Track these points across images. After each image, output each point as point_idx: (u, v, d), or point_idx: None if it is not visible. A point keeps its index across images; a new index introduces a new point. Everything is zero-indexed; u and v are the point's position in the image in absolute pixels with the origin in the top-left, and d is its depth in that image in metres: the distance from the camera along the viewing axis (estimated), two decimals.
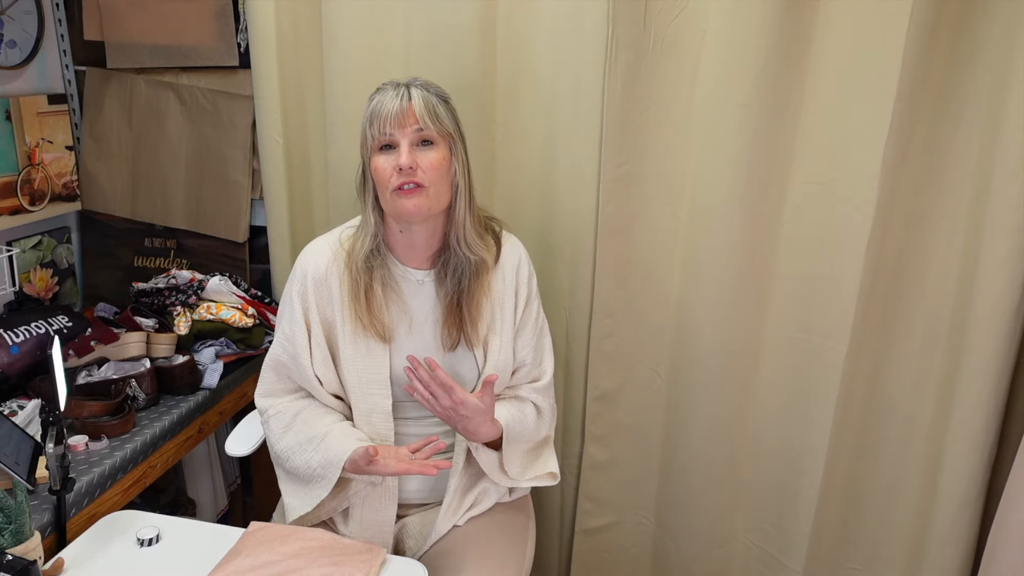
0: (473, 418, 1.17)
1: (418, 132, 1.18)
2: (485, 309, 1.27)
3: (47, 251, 1.92)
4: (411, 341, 1.26)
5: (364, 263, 1.23)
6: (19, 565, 1.00)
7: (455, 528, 1.28)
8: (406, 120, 1.17)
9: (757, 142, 1.37)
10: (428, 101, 1.19)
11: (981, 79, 1.27)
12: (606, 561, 1.73)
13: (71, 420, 1.44)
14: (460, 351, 1.27)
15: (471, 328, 1.25)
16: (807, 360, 1.46)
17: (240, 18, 1.80)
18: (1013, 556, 1.18)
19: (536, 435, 1.33)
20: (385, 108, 1.17)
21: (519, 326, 1.31)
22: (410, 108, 1.17)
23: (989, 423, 1.38)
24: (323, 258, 1.27)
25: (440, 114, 1.19)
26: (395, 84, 1.21)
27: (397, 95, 1.18)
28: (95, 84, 1.95)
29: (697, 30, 1.37)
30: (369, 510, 1.26)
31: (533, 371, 1.34)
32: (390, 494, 1.27)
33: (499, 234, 1.33)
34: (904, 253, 1.39)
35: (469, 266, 1.24)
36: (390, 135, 1.17)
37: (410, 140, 1.18)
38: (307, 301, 1.26)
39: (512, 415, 1.26)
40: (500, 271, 1.29)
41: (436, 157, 1.19)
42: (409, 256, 1.28)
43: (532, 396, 1.32)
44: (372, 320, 1.23)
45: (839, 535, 1.56)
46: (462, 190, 1.23)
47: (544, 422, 1.34)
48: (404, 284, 1.27)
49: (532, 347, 1.32)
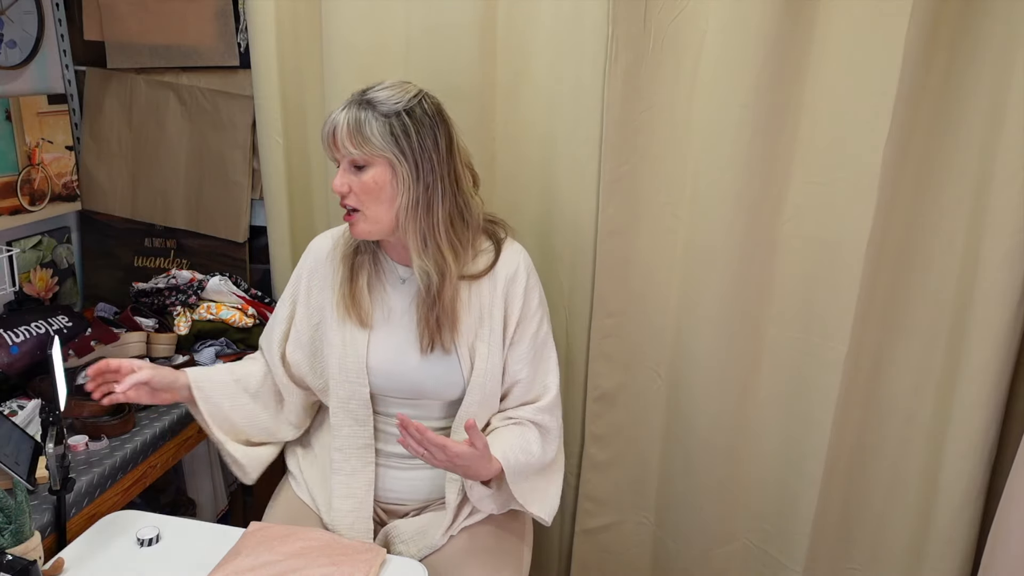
0: (471, 465, 1.13)
1: (345, 156, 1.17)
2: (464, 317, 1.24)
3: (47, 251, 1.92)
4: (389, 335, 1.26)
5: (350, 250, 1.28)
6: (19, 565, 1.00)
7: (450, 537, 1.27)
8: (335, 143, 1.17)
9: (757, 142, 1.37)
10: (359, 124, 1.14)
11: (981, 79, 1.28)
12: (606, 561, 1.73)
13: (71, 420, 1.44)
14: (439, 355, 1.24)
15: (445, 333, 1.23)
16: (807, 360, 1.46)
17: (240, 18, 1.80)
18: (1013, 555, 1.18)
19: (544, 457, 1.27)
20: (325, 129, 1.18)
21: (513, 340, 1.27)
22: (333, 135, 1.17)
23: (989, 423, 1.38)
24: (326, 246, 1.33)
25: (368, 135, 1.14)
26: (350, 99, 1.19)
27: (333, 119, 1.17)
28: (95, 84, 1.95)
29: (697, 30, 1.37)
30: (343, 499, 1.27)
31: (532, 390, 1.29)
32: (365, 484, 1.28)
33: (501, 240, 1.30)
34: (904, 253, 1.39)
35: (430, 276, 1.21)
36: (331, 154, 1.19)
37: (344, 162, 1.18)
38: (300, 282, 1.33)
39: (511, 446, 1.21)
40: (492, 279, 1.26)
41: (370, 181, 1.16)
42: (394, 252, 1.29)
43: (535, 417, 1.27)
44: (353, 303, 1.25)
45: (839, 535, 1.56)
46: (405, 208, 1.18)
47: (551, 442, 1.29)
48: (388, 277, 1.29)
49: (527, 363, 1.27)
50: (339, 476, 1.28)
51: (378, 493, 1.30)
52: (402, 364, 1.25)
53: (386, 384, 1.26)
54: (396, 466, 1.30)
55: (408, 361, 1.25)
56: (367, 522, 1.27)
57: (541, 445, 1.26)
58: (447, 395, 1.27)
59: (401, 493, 1.31)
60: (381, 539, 1.28)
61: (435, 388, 1.26)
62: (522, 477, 1.22)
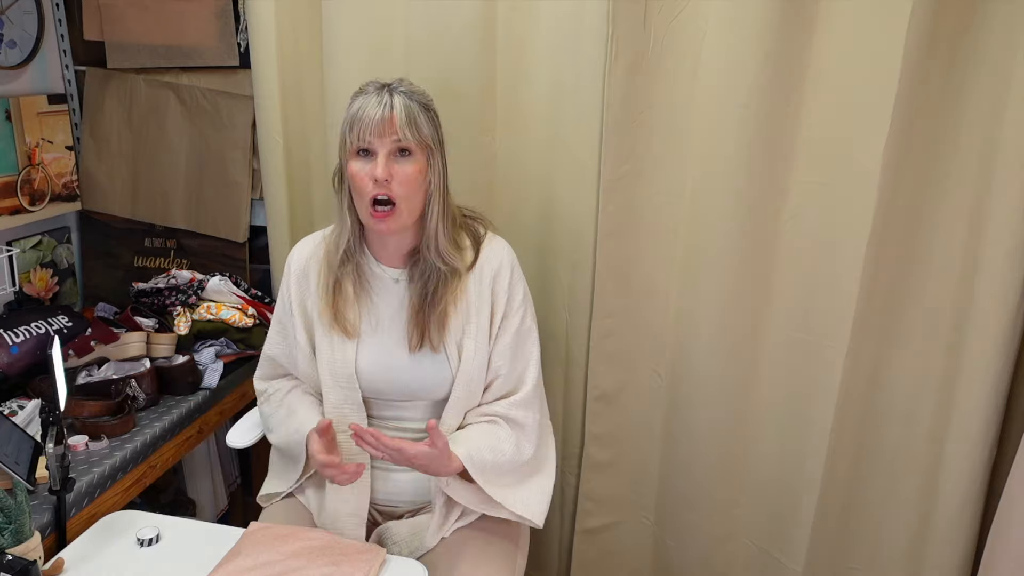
0: (430, 465, 1.16)
1: (396, 142, 1.16)
2: (452, 315, 1.24)
3: (47, 251, 1.92)
4: (377, 339, 1.26)
5: (334, 260, 1.25)
6: (19, 565, 1.00)
7: (442, 539, 1.27)
8: (386, 130, 1.15)
9: (757, 142, 1.37)
10: (410, 110, 1.16)
11: (981, 79, 1.27)
12: (606, 561, 1.73)
13: (71, 420, 1.44)
14: (428, 353, 1.24)
15: (435, 332, 1.23)
16: (807, 360, 1.46)
17: (240, 18, 1.80)
18: (1013, 555, 1.18)
19: (519, 455, 1.25)
20: (367, 114, 1.15)
21: (498, 334, 1.27)
22: (392, 117, 1.15)
23: (989, 423, 1.38)
24: (305, 252, 1.31)
25: (420, 124, 1.17)
26: (378, 87, 1.18)
27: (380, 102, 1.15)
28: (95, 84, 1.95)
29: (697, 30, 1.37)
30: (339, 502, 1.27)
31: (508, 382, 1.28)
32: (361, 487, 1.27)
33: (481, 236, 1.30)
34: (904, 253, 1.39)
35: (438, 273, 1.22)
36: (369, 142, 1.16)
37: (388, 150, 1.16)
38: (291, 295, 1.31)
39: (477, 445, 1.21)
40: (477, 274, 1.26)
41: (412, 170, 1.17)
42: (383, 254, 1.28)
43: (509, 412, 1.26)
44: (337, 315, 1.25)
45: (839, 535, 1.55)
46: (436, 199, 1.21)
47: (527, 439, 1.27)
48: (375, 282, 1.27)
49: (508, 356, 1.27)
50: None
51: (374, 495, 1.30)
52: (392, 367, 1.25)
53: (377, 387, 1.26)
54: (393, 468, 1.29)
55: (397, 362, 1.25)
56: (360, 528, 1.27)
57: (515, 443, 1.25)
58: (436, 393, 1.27)
59: (395, 495, 1.31)
60: (374, 540, 1.28)
61: (424, 386, 1.26)
62: (494, 475, 1.23)
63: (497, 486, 1.23)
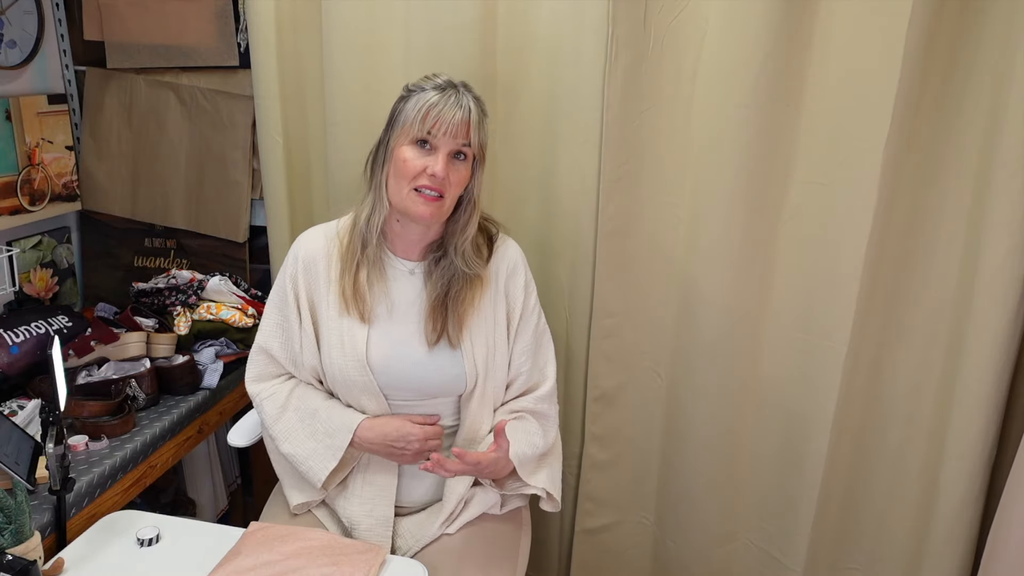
0: (497, 469, 1.21)
1: (462, 145, 1.18)
2: (471, 313, 1.26)
3: (47, 251, 1.92)
4: (392, 328, 1.26)
5: (368, 238, 1.24)
6: (19, 565, 1.00)
7: (444, 537, 1.28)
8: (459, 131, 1.17)
9: (757, 142, 1.37)
10: (480, 117, 1.20)
11: (981, 79, 1.28)
12: (606, 561, 1.73)
13: (71, 420, 1.44)
14: (443, 347, 1.25)
15: (454, 329, 1.24)
16: (807, 360, 1.46)
17: (240, 18, 1.80)
18: (1013, 555, 1.18)
19: (546, 445, 1.32)
20: (444, 112, 1.16)
21: (517, 334, 1.30)
22: (468, 122, 1.17)
23: (989, 423, 1.38)
24: (316, 243, 1.30)
25: (484, 132, 1.21)
26: (449, 84, 1.19)
27: (458, 103, 1.17)
28: (95, 84, 1.95)
29: (697, 30, 1.37)
30: (365, 515, 1.27)
31: (531, 379, 1.33)
32: (387, 495, 1.28)
33: (494, 236, 1.32)
34: (904, 253, 1.39)
35: (461, 276, 1.24)
36: (436, 137, 1.17)
37: (450, 149, 1.18)
38: (297, 285, 1.28)
39: (519, 442, 1.23)
40: (492, 274, 1.29)
41: (465, 174, 1.21)
42: (400, 246, 1.28)
43: (536, 406, 1.31)
44: (356, 296, 1.24)
45: (839, 535, 1.56)
46: (470, 206, 1.24)
47: (551, 428, 1.33)
48: (390, 271, 1.28)
49: (530, 354, 1.31)
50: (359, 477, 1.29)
51: (398, 498, 1.30)
52: (405, 359, 1.25)
53: (389, 380, 1.26)
54: (417, 473, 1.29)
55: (412, 355, 1.25)
56: (387, 531, 1.27)
57: (543, 434, 1.30)
58: (453, 391, 1.27)
59: (416, 497, 1.31)
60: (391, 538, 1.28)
61: (441, 383, 1.26)
62: (531, 468, 1.28)
63: (531, 474, 1.28)
